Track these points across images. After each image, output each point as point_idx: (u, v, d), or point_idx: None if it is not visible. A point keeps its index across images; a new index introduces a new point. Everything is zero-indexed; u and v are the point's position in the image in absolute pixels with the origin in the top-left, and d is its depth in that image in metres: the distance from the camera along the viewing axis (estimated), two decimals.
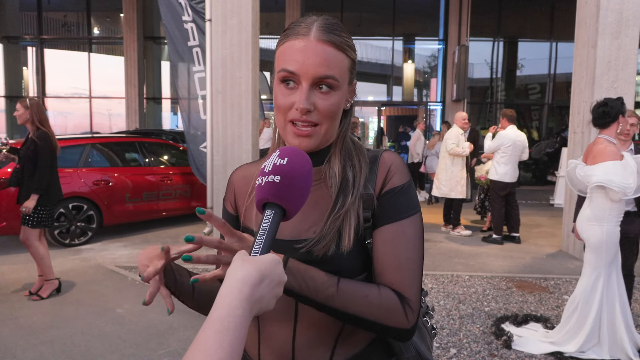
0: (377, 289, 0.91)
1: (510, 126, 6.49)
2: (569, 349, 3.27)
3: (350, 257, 0.92)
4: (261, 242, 0.73)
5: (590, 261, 3.26)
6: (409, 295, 0.92)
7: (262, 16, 6.44)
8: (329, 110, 0.91)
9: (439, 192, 7.13)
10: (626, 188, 2.99)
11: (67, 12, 16.12)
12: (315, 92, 0.90)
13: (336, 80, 0.90)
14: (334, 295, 0.87)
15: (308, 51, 0.89)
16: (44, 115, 4.20)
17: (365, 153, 1.02)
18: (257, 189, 0.79)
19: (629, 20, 5.48)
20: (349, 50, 0.94)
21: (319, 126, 0.92)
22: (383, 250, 0.94)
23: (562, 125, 13.71)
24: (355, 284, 0.90)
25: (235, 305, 0.62)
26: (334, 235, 0.92)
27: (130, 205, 6.76)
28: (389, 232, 0.94)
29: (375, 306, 0.89)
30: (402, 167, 1.00)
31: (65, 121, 16.58)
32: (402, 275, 0.92)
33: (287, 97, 0.91)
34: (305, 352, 0.95)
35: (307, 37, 0.89)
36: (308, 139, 0.92)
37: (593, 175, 3.11)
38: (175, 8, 6.68)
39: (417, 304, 0.92)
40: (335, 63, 0.90)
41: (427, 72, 15.71)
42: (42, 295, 4.18)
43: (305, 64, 0.88)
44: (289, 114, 0.91)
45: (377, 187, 0.97)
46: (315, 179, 0.99)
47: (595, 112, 3.32)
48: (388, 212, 0.95)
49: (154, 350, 3.35)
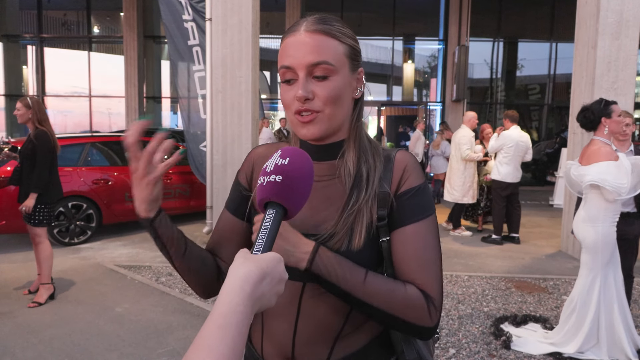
0: (404, 286, 0.92)
1: (514, 126, 6.49)
2: (568, 349, 3.27)
3: (360, 255, 0.93)
4: (263, 240, 0.74)
5: (586, 262, 3.26)
6: (433, 295, 0.93)
7: (263, 15, 6.44)
8: (329, 96, 0.92)
9: (451, 197, 7.02)
10: (620, 188, 2.99)
11: (67, 10, 16.11)
12: (313, 80, 0.92)
13: (330, 65, 0.92)
14: (360, 285, 0.89)
15: (298, 43, 0.92)
16: (45, 115, 4.19)
17: (381, 151, 1.03)
18: (258, 188, 0.80)
19: (629, 21, 5.48)
20: (342, 37, 0.95)
21: (321, 112, 0.93)
22: (404, 252, 0.95)
23: (561, 125, 13.72)
24: (383, 278, 0.92)
25: (237, 302, 0.63)
26: (347, 231, 0.93)
27: (130, 205, 6.75)
28: (408, 233, 0.95)
29: (400, 301, 0.90)
30: (418, 168, 1.01)
31: (65, 120, 16.57)
32: (426, 275, 0.94)
33: (288, 92, 0.94)
34: (304, 348, 0.96)
35: (298, 32, 0.93)
36: (312, 125, 0.94)
37: (587, 175, 3.12)
38: (175, 7, 6.68)
39: (440, 304, 0.95)
40: (327, 49, 0.92)
41: (427, 72, 15.71)
42: (40, 302, 4.11)
43: (297, 56, 0.91)
44: (293, 106, 0.94)
45: (393, 186, 0.98)
46: (329, 173, 1.00)
47: (578, 118, 3.37)
48: (406, 213, 0.96)
49: (153, 349, 3.35)
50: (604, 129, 3.24)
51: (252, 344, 1.06)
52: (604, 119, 3.23)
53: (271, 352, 1.00)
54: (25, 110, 4.08)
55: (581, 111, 3.36)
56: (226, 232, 1.09)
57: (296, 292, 0.96)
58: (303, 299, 0.96)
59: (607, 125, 3.23)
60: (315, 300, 0.96)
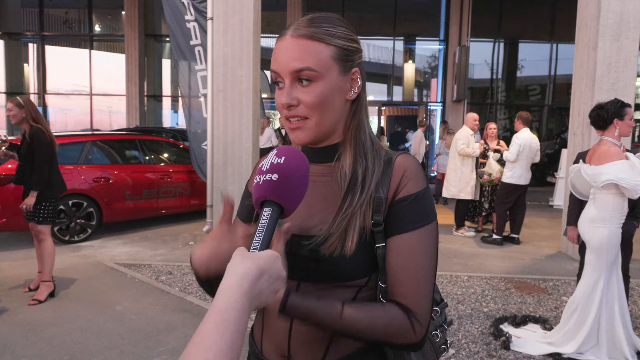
0: (383, 311, 0.91)
1: (525, 129, 6.49)
2: (567, 350, 3.28)
3: (353, 260, 0.92)
4: (260, 238, 0.74)
5: (591, 262, 3.26)
6: (417, 309, 0.91)
7: (264, 15, 6.44)
8: (313, 102, 0.92)
9: (448, 193, 7.11)
10: (636, 185, 3.00)
11: (69, 8, 16.11)
12: (298, 86, 0.92)
13: (313, 71, 0.90)
14: (338, 321, 0.89)
15: (283, 49, 0.92)
16: (38, 112, 4.16)
17: (382, 154, 1.00)
18: (255, 187, 0.81)
19: (630, 22, 5.49)
20: (329, 39, 0.92)
21: (309, 119, 0.93)
22: (395, 262, 0.93)
23: (562, 126, 13.72)
24: (360, 311, 0.90)
25: (235, 299, 0.64)
26: (341, 235, 0.92)
27: (130, 203, 6.77)
28: (401, 242, 0.93)
29: (381, 329, 0.90)
30: (418, 173, 0.97)
31: (66, 118, 16.57)
32: (413, 289, 0.92)
33: (279, 96, 0.94)
34: (299, 346, 0.97)
35: (285, 37, 0.92)
36: (300, 132, 0.94)
37: (602, 174, 3.10)
38: (178, 7, 6.70)
39: (426, 317, 0.92)
40: (310, 54, 0.90)
41: (428, 73, 15.71)
42: (40, 299, 4.11)
43: (281, 62, 0.92)
44: (283, 112, 0.95)
45: (390, 192, 0.95)
46: (327, 174, 1.00)
47: (591, 115, 3.37)
48: (402, 221, 0.93)
49: (153, 348, 3.36)
50: (614, 130, 3.24)
51: (254, 340, 1.07)
52: (616, 120, 3.23)
53: (270, 350, 1.01)
54: (18, 110, 4.02)
55: (595, 108, 3.34)
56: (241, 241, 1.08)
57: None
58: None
59: (618, 127, 3.23)
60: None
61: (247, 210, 1.09)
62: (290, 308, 0.87)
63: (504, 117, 14.66)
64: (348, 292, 0.95)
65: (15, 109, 4.03)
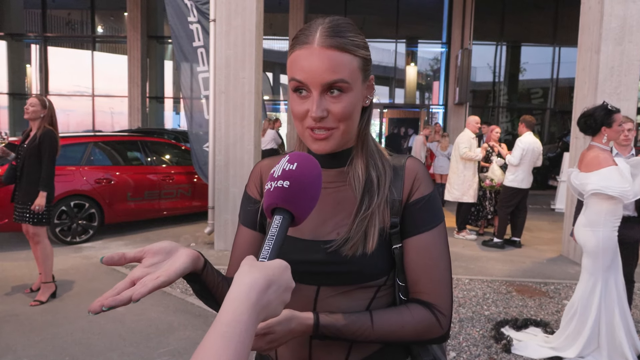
0: (410, 313, 0.96)
1: (528, 132, 6.48)
2: (569, 354, 3.27)
3: (373, 260, 0.94)
4: (269, 247, 0.72)
5: (587, 266, 3.26)
6: (440, 303, 0.97)
7: (266, 17, 6.45)
8: (343, 113, 0.91)
9: (451, 197, 7.09)
10: (624, 192, 3.00)
11: (71, 10, 16.17)
12: (327, 97, 0.90)
13: (346, 83, 0.89)
14: (370, 334, 0.93)
15: (312, 59, 0.88)
16: (56, 117, 4.24)
17: (388, 156, 1.03)
18: (266, 194, 0.79)
19: (633, 26, 5.49)
20: (356, 50, 0.91)
21: (336, 129, 0.92)
22: (415, 261, 0.97)
23: (564, 130, 13.71)
24: (389, 317, 0.95)
25: (242, 310, 0.61)
26: (362, 236, 0.94)
27: (132, 204, 6.78)
28: (420, 242, 0.97)
29: (411, 330, 0.95)
30: (428, 176, 1.02)
31: (68, 119, 16.59)
32: (435, 285, 0.97)
33: (301, 105, 0.91)
34: (321, 351, 0.97)
35: (311, 45, 0.88)
36: (326, 142, 0.93)
37: (588, 184, 3.13)
38: (181, 9, 6.72)
39: (449, 309, 0.98)
40: (342, 66, 0.89)
41: (430, 75, 15.73)
42: (42, 300, 4.13)
43: (311, 73, 0.88)
44: (305, 122, 0.92)
45: (404, 195, 0.99)
46: (338, 180, 1.00)
47: (579, 122, 3.36)
48: (418, 222, 0.98)
49: (154, 349, 3.36)
50: (603, 136, 3.25)
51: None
52: (604, 128, 3.23)
53: (286, 355, 1.00)
54: (40, 108, 4.07)
55: (582, 116, 3.34)
56: (246, 246, 1.08)
57: (311, 296, 0.97)
58: (318, 302, 0.97)
59: (607, 134, 3.24)
60: (329, 303, 0.96)
61: (251, 216, 1.09)
62: (322, 330, 0.91)
63: (506, 120, 14.66)
64: (368, 292, 0.97)
65: (39, 106, 4.07)
